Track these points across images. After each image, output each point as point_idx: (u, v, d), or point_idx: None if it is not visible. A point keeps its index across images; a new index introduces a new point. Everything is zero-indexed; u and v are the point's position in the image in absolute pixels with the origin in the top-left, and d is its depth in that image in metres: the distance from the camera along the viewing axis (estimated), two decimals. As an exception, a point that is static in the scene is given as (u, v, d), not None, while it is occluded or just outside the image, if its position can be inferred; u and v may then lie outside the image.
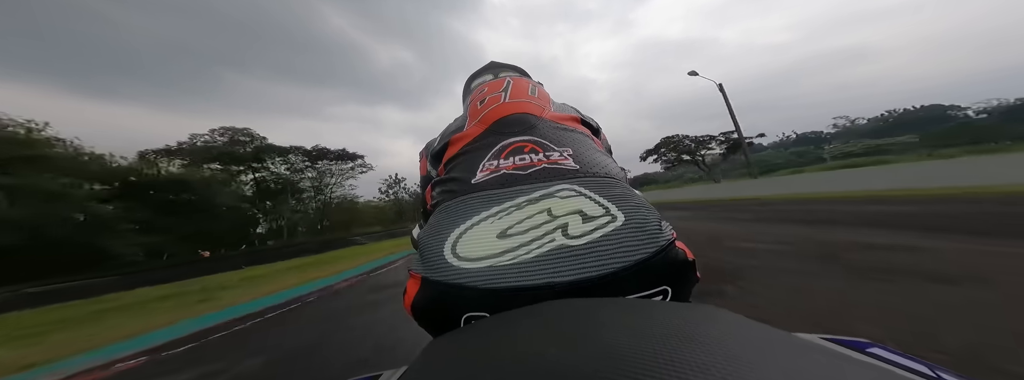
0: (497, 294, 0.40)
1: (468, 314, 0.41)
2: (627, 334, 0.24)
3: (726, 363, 0.19)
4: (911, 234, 3.54)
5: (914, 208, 5.32)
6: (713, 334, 0.23)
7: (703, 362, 0.19)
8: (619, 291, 0.40)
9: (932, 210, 4.95)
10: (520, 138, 0.59)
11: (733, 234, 5.13)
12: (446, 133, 0.71)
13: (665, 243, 0.43)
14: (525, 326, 0.29)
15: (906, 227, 3.94)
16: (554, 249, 0.41)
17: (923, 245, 3.04)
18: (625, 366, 0.19)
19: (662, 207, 4.19)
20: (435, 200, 0.58)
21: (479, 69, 1.03)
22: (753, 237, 4.65)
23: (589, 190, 0.49)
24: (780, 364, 0.20)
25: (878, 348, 0.33)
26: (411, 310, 0.47)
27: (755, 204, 10.25)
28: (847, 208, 6.38)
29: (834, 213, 5.91)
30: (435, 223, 0.51)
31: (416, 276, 0.46)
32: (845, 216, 5.40)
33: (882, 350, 0.33)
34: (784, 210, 7.51)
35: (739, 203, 11.78)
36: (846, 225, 4.61)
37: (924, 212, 4.86)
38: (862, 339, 0.36)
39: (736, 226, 6.03)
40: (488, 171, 0.55)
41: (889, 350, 0.33)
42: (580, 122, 0.69)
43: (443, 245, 0.45)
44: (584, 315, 0.29)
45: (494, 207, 0.48)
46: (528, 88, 0.75)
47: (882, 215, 5.05)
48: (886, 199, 6.98)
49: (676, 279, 0.44)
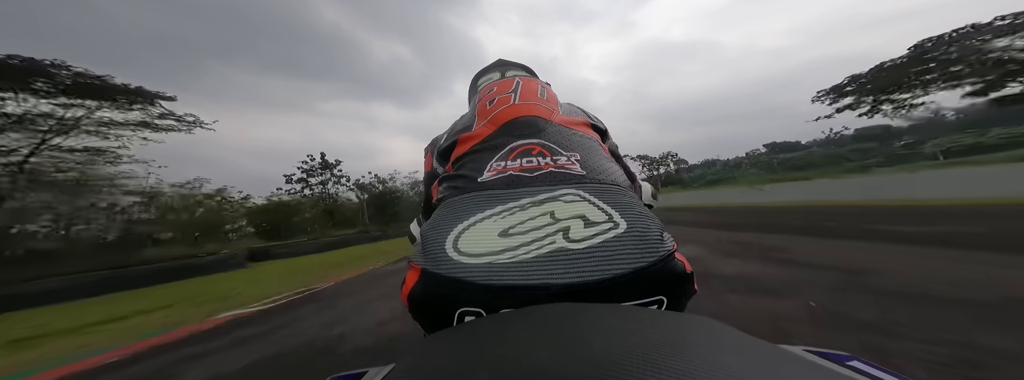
0: (493, 291, 0.40)
1: (462, 309, 0.42)
2: (618, 342, 0.24)
3: (712, 373, 0.20)
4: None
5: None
6: (702, 344, 0.24)
7: (690, 371, 0.20)
8: (615, 297, 0.41)
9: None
10: (529, 141, 0.60)
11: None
12: (454, 131, 0.72)
13: (665, 254, 0.44)
14: (516, 330, 0.30)
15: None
16: (554, 251, 0.42)
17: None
18: (613, 374, 0.20)
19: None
20: (441, 195, 0.59)
21: (487, 66, 1.04)
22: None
23: (594, 196, 0.50)
24: (766, 375, 0.21)
25: (858, 361, 0.35)
26: (407, 301, 0.47)
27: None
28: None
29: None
30: (439, 218, 0.52)
31: (416, 267, 0.47)
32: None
33: (861, 364, 0.34)
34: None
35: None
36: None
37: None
38: (843, 352, 0.38)
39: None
40: (496, 171, 0.56)
41: (869, 364, 0.34)
42: (589, 126, 0.70)
43: (445, 239, 0.46)
44: (577, 321, 0.30)
45: (498, 206, 0.49)
46: (538, 90, 0.76)
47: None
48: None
49: (672, 289, 0.45)
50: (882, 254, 3.54)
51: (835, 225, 6.03)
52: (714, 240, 5.73)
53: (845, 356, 0.37)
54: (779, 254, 4.05)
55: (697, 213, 13.17)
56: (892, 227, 5.14)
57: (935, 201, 7.98)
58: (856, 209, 8.41)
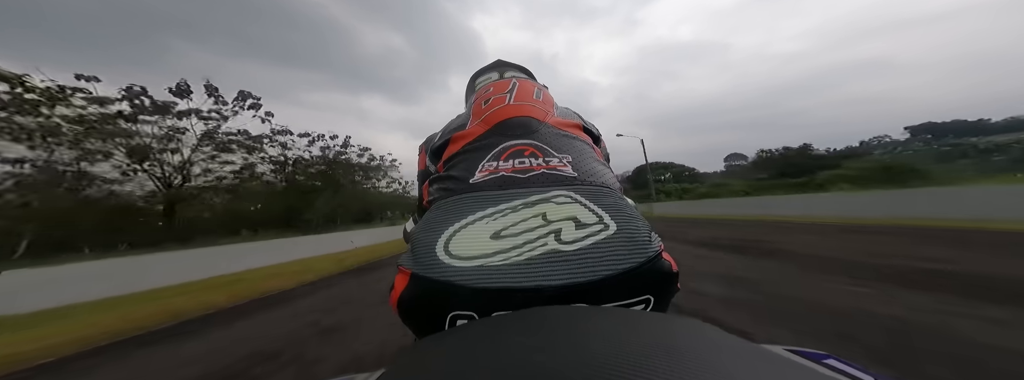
0: (485, 294, 0.40)
1: (454, 313, 0.42)
2: (613, 344, 0.25)
3: (703, 373, 0.21)
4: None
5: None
6: (693, 345, 0.25)
7: (682, 372, 0.21)
8: (605, 298, 0.42)
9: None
10: (521, 141, 0.60)
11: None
12: (448, 130, 0.72)
13: (653, 254, 0.45)
14: (511, 333, 0.30)
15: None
16: (546, 253, 0.43)
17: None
18: (609, 376, 0.20)
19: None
20: (432, 197, 0.59)
21: (485, 66, 1.03)
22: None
23: (585, 198, 0.50)
24: (752, 375, 0.22)
25: (834, 360, 0.37)
26: (397, 306, 0.46)
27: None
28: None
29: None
30: (430, 220, 0.51)
31: (405, 271, 0.46)
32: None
33: (837, 361, 0.36)
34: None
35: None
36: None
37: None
38: (819, 351, 0.40)
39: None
40: (487, 172, 0.55)
41: (843, 361, 0.37)
42: (582, 129, 0.70)
43: (436, 242, 0.46)
44: (572, 323, 0.30)
45: (490, 208, 0.49)
46: (533, 91, 0.76)
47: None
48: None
49: (660, 289, 0.46)
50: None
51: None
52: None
53: (821, 354, 0.39)
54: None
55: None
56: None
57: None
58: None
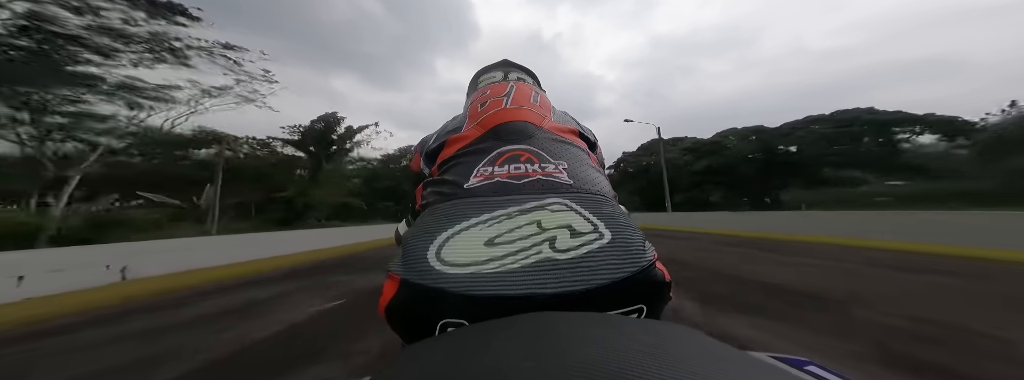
0: (477, 302, 0.40)
1: (445, 321, 0.41)
2: (602, 350, 0.25)
3: (687, 378, 0.21)
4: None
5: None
6: (680, 351, 0.25)
7: (670, 377, 0.21)
8: (599, 307, 0.42)
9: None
10: (517, 146, 0.60)
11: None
12: (443, 132, 0.71)
13: (646, 264, 0.45)
14: (501, 339, 0.30)
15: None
16: (540, 261, 0.42)
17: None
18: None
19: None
20: (425, 200, 0.58)
21: (489, 65, 1.03)
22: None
23: (580, 206, 0.50)
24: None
25: (815, 366, 0.38)
26: (385, 313, 0.45)
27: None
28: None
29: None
30: (422, 224, 0.51)
31: (395, 277, 0.45)
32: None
33: (817, 368, 0.37)
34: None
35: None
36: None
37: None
38: (801, 358, 0.41)
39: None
40: (482, 177, 0.55)
41: (824, 368, 0.37)
42: (578, 135, 0.70)
43: (428, 248, 0.45)
44: (561, 329, 0.30)
45: (484, 214, 0.49)
46: (531, 95, 0.76)
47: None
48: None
49: (653, 298, 0.46)
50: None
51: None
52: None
53: (803, 361, 0.40)
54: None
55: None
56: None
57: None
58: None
